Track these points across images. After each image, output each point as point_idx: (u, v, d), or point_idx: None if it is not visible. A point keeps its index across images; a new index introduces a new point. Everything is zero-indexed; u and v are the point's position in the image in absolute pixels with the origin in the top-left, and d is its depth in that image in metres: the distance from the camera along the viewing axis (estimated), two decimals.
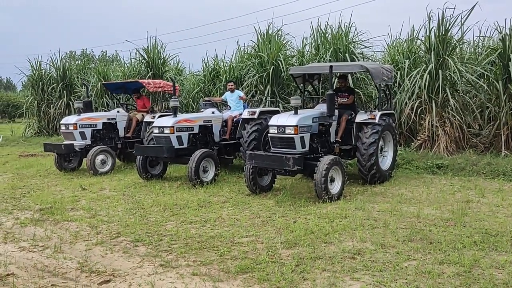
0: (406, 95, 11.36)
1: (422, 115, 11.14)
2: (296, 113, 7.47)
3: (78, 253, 5.16)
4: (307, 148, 7.51)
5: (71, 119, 11.06)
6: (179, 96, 14.31)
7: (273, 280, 4.18)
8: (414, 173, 9.53)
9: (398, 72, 11.97)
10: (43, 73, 20.35)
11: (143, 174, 9.43)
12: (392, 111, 9.26)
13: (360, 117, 8.44)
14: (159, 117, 10.14)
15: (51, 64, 20.24)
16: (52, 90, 20.00)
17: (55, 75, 20.06)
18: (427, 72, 10.72)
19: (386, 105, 9.47)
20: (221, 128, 10.09)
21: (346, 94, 8.92)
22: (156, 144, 9.27)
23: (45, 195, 8.32)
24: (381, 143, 8.66)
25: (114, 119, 11.60)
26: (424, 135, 10.99)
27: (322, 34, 12.86)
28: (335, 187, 7.28)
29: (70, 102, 19.05)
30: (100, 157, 10.42)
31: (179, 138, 9.00)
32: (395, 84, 11.99)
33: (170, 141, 8.91)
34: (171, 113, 9.32)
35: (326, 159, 7.11)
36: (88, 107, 11.83)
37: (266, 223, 6.10)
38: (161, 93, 13.08)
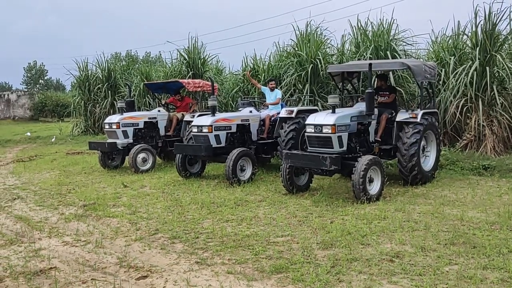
0: (451, 93, 10.97)
1: (468, 114, 10.73)
2: (333, 111, 7.37)
3: (118, 248, 5.30)
4: (345, 148, 7.38)
5: (114, 118, 11.37)
6: (218, 95, 14.45)
7: (308, 281, 4.13)
8: (459, 174, 9.18)
9: (443, 69, 11.59)
10: (89, 74, 21.12)
11: (182, 172, 9.56)
12: (435, 110, 8.97)
13: (401, 116, 8.22)
14: (198, 116, 10.26)
15: (97, 65, 20.99)
16: (98, 90, 20.72)
17: (100, 76, 20.78)
18: (473, 69, 10.32)
19: (429, 103, 9.16)
20: (258, 127, 10.09)
21: (387, 93, 8.72)
22: (195, 142, 9.39)
23: (89, 191, 8.62)
24: (423, 143, 8.38)
25: (155, 118, 11.84)
26: (470, 134, 10.59)
27: (363, 31, 12.62)
28: (374, 188, 7.12)
29: (115, 102, 19.62)
30: (141, 155, 10.66)
31: (217, 137, 9.10)
32: (439, 82, 11.61)
33: (208, 140, 9.01)
34: (210, 112, 9.42)
35: (364, 159, 6.96)
36: (130, 107, 12.13)
37: (302, 223, 6.05)
38: (201, 93, 13.23)
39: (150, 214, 6.75)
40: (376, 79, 9.88)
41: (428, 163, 8.62)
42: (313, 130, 7.36)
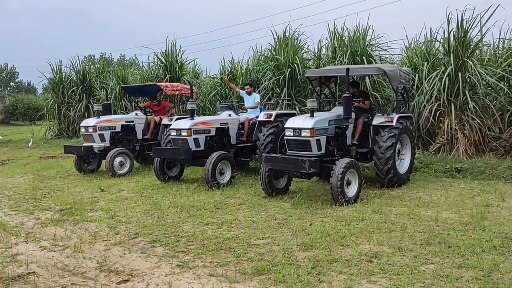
0: (424, 97, 11.24)
1: (441, 118, 11.01)
2: (312, 115, 7.47)
3: (97, 253, 5.24)
4: (323, 151, 7.48)
5: (90, 121, 11.22)
6: (196, 99, 14.40)
7: (289, 282, 4.19)
8: (433, 177, 9.41)
9: (417, 75, 11.85)
10: (63, 77, 20.72)
11: (160, 176, 9.50)
12: (410, 114, 9.14)
13: (377, 120, 8.37)
14: (177, 119, 10.21)
15: (71, 67, 20.62)
16: (72, 93, 20.33)
17: (75, 78, 20.40)
18: (446, 74, 10.60)
19: (404, 108, 9.37)
20: (237, 131, 10.12)
21: (361, 99, 8.82)
22: (173, 146, 9.33)
23: (65, 196, 8.48)
24: (398, 146, 8.55)
25: (133, 121, 11.73)
26: (443, 138, 10.86)
27: (339, 37, 12.83)
28: (351, 190, 7.23)
29: (90, 105, 19.35)
30: (118, 159, 10.55)
31: (196, 141, 9.09)
32: (413, 87, 11.89)
33: (187, 143, 8.98)
34: (188, 116, 9.40)
35: (342, 162, 7.07)
36: (107, 110, 11.98)
37: (282, 225, 6.11)
38: (179, 96, 13.18)
39: (129, 218, 6.70)
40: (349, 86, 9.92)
41: (403, 166, 8.80)
42: (292, 134, 7.43)
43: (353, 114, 8.19)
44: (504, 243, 5.05)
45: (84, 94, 19.93)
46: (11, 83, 76.77)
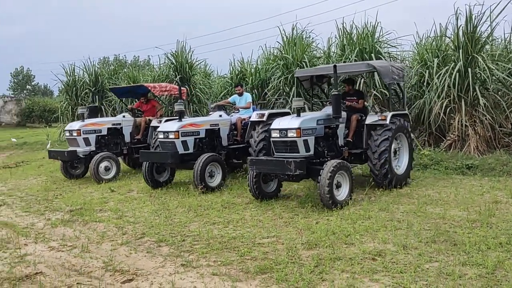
0: (435, 94, 11.13)
1: (452, 115, 10.91)
2: (298, 115, 7.16)
3: (104, 252, 5.32)
4: (311, 152, 7.14)
5: (74, 125, 10.77)
6: (187, 99, 14.20)
7: (292, 281, 4.20)
8: (443, 174, 9.32)
9: (427, 71, 11.76)
10: (76, 79, 21.00)
11: (149, 181, 9.09)
12: (406, 112, 8.73)
13: (371, 118, 8.00)
14: (165, 121, 9.91)
15: (84, 70, 20.89)
16: (85, 95, 20.59)
17: (87, 81, 20.67)
18: (455, 70, 10.49)
19: (399, 105, 9.07)
20: (229, 132, 9.79)
21: (355, 98, 8.53)
22: (161, 149, 9.00)
23: (76, 196, 8.61)
24: (394, 146, 8.16)
25: (120, 124, 11.34)
26: (453, 135, 10.76)
27: (347, 35, 12.77)
28: (342, 193, 6.89)
29: (102, 107, 19.58)
30: (103, 164, 10.16)
31: (184, 143, 8.75)
32: (424, 83, 11.79)
33: (175, 146, 8.65)
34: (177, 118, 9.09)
35: (331, 163, 6.70)
36: (93, 113, 11.62)
37: (288, 224, 6.12)
38: (168, 97, 12.96)
39: (137, 218, 6.78)
40: (343, 84, 9.74)
41: (401, 166, 8.37)
42: (278, 135, 7.10)
43: (344, 114, 7.89)
44: (511, 240, 4.98)
45: (97, 96, 20.16)
46: (28, 86, 78.08)
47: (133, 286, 4.32)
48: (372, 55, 11.90)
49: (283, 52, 13.45)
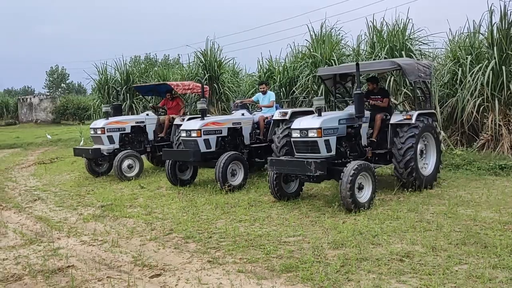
0: (468, 92, 10.85)
1: (485, 114, 10.61)
2: (319, 115, 7.02)
3: (133, 247, 5.45)
4: (333, 152, 6.96)
5: (99, 123, 10.93)
6: (215, 98, 14.20)
7: (317, 280, 4.19)
8: (475, 175, 9.08)
9: (460, 69, 11.48)
10: (108, 77, 21.48)
11: (172, 180, 9.12)
12: (433, 111, 8.46)
13: (395, 118, 7.77)
14: (188, 119, 9.98)
15: (116, 68, 21.35)
16: (117, 93, 21.03)
17: (119, 79, 21.10)
18: (489, 68, 10.20)
19: (426, 104, 8.80)
20: (252, 131, 9.73)
21: (379, 96, 8.33)
22: (184, 147, 9.00)
23: (107, 192, 8.83)
24: (421, 146, 7.91)
25: (143, 122, 11.42)
26: (487, 134, 10.48)
27: (377, 32, 12.59)
28: (364, 195, 6.67)
29: (133, 105, 19.95)
30: (126, 162, 10.26)
31: (206, 142, 8.72)
32: (456, 81, 11.51)
33: (197, 144, 8.64)
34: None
35: (353, 164, 6.51)
36: (117, 111, 11.73)
37: (315, 223, 6.10)
38: (190, 95, 12.99)
39: (165, 215, 6.90)
40: (367, 82, 9.34)
41: (428, 167, 8.10)
42: (299, 135, 6.97)
43: (368, 113, 7.75)
44: None
45: (128, 94, 20.57)
46: (62, 84, 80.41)
47: (160, 281, 4.40)
48: (403, 52, 11.68)
49: (312, 50, 13.37)
